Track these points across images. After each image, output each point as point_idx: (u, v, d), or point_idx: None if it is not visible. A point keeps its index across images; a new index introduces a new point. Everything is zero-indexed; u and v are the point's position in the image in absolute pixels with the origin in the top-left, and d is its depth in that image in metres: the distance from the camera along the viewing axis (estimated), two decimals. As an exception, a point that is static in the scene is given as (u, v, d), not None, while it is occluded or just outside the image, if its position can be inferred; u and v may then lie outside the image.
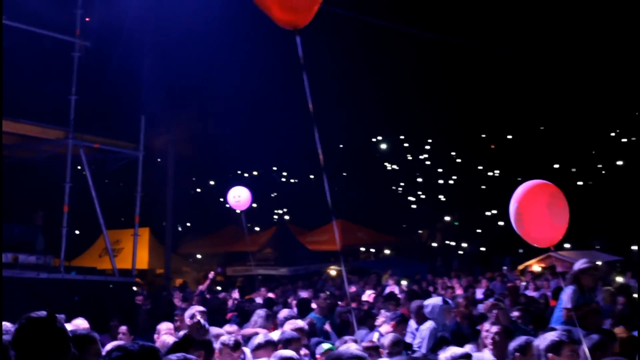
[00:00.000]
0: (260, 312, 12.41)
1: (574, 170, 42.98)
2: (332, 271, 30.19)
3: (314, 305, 14.95)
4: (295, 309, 14.27)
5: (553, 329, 8.44)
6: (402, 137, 51.83)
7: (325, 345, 9.09)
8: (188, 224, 40.37)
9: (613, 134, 49.20)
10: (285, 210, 43.97)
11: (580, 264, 10.60)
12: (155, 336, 10.13)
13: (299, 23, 7.82)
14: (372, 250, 37.53)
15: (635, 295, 15.83)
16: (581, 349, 7.24)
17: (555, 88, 45.25)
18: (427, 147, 50.39)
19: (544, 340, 6.98)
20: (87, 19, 17.65)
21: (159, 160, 30.37)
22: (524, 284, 21.95)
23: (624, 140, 48.24)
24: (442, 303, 12.08)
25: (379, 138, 51.74)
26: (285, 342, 8.40)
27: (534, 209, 8.23)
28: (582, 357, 7.30)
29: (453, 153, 46.66)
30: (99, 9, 17.67)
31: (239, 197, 17.68)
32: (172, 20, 22.02)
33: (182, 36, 25.16)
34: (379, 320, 12.39)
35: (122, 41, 18.01)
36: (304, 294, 18.58)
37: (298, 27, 7.80)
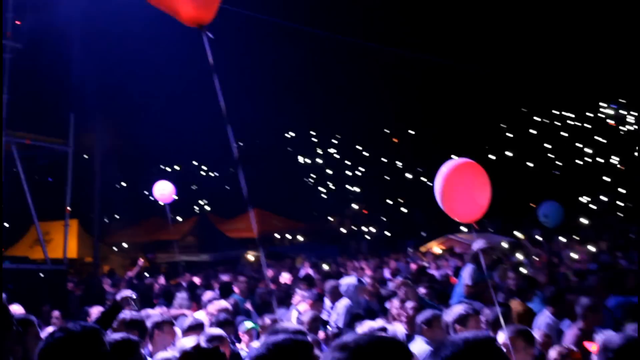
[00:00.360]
0: (183, 295, 12.84)
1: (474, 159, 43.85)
2: (250, 256, 30.60)
3: (235, 288, 15.36)
4: (217, 292, 14.60)
5: (459, 304, 8.52)
6: (312, 132, 52.55)
7: (248, 324, 9.26)
8: (115, 216, 40.31)
9: (504, 125, 50.77)
10: (205, 201, 44.22)
11: (478, 244, 11.12)
12: (88, 320, 9.98)
13: (203, 20, 7.58)
14: (287, 236, 37.95)
15: (525, 271, 16.57)
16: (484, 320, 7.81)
17: (450, 86, 46.44)
18: (335, 141, 51.23)
19: (452, 313, 7.35)
20: (17, 22, 17.80)
21: (85, 156, 30.46)
22: (426, 264, 22.49)
23: (510, 134, 49.86)
24: (356, 282, 12.57)
25: (292, 134, 52.40)
26: (219, 324, 8.69)
27: (459, 186, 8.31)
28: (485, 328, 7.87)
29: (359, 147, 47.35)
30: (30, 12, 17.84)
31: (163, 190, 17.90)
32: (99, 23, 22.23)
33: (108, 37, 25.31)
34: (295, 299, 12.84)
35: (52, 43, 18.21)
36: (225, 278, 18.88)
37: (203, 24, 7.58)
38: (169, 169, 45.00)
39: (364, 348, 2.30)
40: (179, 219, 36.69)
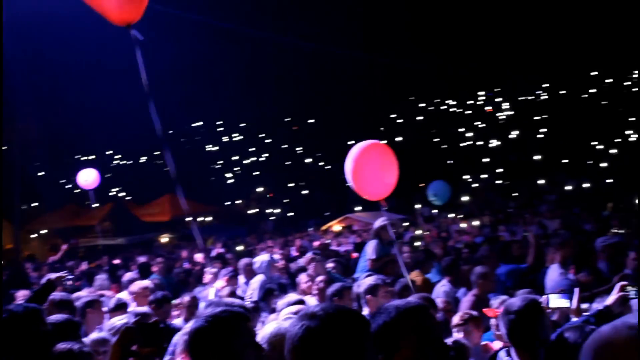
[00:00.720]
0: (102, 277, 12.77)
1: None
2: (164, 239, 30.39)
3: (153, 268, 15.30)
4: (136, 272, 14.48)
5: (368, 276, 8.90)
6: (218, 122, 52.45)
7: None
8: (34, 204, 39.40)
9: (393, 115, 51.54)
10: (120, 188, 43.64)
11: (380, 222, 11.26)
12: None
13: (130, 19, 7.37)
14: (199, 219, 37.83)
15: (418, 243, 16.88)
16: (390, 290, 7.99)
17: (345, 76, 46.86)
18: (240, 130, 51.24)
19: (363, 284, 7.34)
20: None
21: (5, 147, 29.73)
22: (328, 241, 22.62)
23: (400, 120, 50.66)
24: (269, 259, 12.72)
25: (200, 123, 52.16)
26: (158, 302, 8.72)
27: (368, 166, 8.34)
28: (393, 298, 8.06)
29: (262, 135, 47.40)
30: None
31: (87, 177, 17.65)
32: (16, 12, 21.59)
33: (27, 28, 24.57)
34: (207, 277, 12.87)
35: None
36: (142, 259, 18.76)
37: (131, 23, 7.37)
38: (83, 158, 44.15)
39: (332, 315, 2.40)
40: (95, 205, 36.18)
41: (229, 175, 45.36)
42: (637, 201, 27.47)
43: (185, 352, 5.16)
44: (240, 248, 21.94)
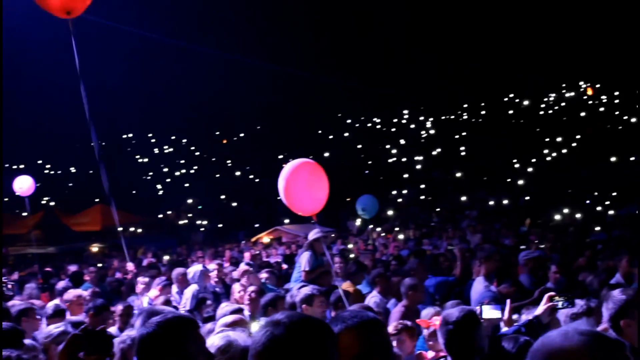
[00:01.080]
0: (32, 285, 12.55)
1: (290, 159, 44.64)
2: (94, 248, 30.00)
3: (86, 277, 15.08)
4: (68, 281, 14.24)
5: (303, 287, 8.51)
6: (149, 134, 52.01)
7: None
8: (-39, 213, 38.54)
9: (320, 132, 51.78)
10: (50, 197, 42.72)
11: (313, 234, 11.32)
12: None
13: (73, 8, 7.22)
14: (131, 229, 37.41)
15: (352, 255, 16.99)
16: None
17: (277, 92, 47.05)
18: (171, 142, 50.89)
19: (299, 294, 7.48)
20: None
21: None
22: (257, 252, 22.63)
23: (331, 137, 50.92)
24: (202, 269, 12.68)
25: (130, 135, 51.64)
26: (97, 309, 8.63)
27: (299, 184, 8.39)
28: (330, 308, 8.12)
29: (193, 147, 47.10)
30: None
31: (22, 184, 17.35)
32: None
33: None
34: (139, 287, 12.76)
35: None
36: (73, 268, 18.48)
37: (72, 12, 7.21)
38: (14, 167, 43.17)
39: (296, 323, 2.39)
40: (24, 214, 35.54)
41: (159, 186, 44.84)
42: (554, 217, 28.12)
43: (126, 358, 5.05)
44: (167, 257, 21.70)
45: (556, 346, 2.07)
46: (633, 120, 44.86)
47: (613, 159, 38.27)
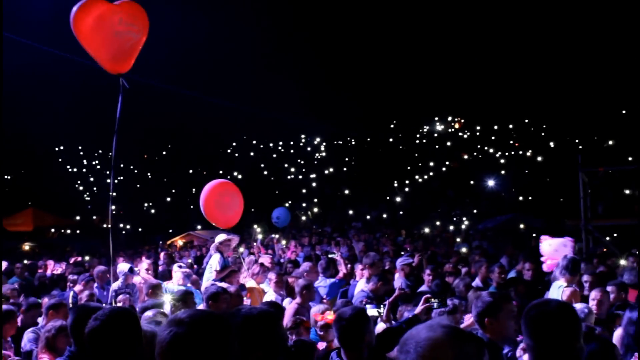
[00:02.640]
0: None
1: (200, 177, 44.51)
2: (26, 246, 29.22)
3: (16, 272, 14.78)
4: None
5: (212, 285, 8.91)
6: (80, 146, 50.82)
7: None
8: None
9: (229, 150, 51.60)
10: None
11: (220, 238, 11.34)
12: None
13: (121, 70, 7.37)
14: (62, 230, 36.55)
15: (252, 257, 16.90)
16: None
17: (190, 117, 46.67)
18: (97, 155, 49.90)
19: (206, 292, 7.44)
20: None
21: None
22: (171, 253, 22.30)
23: (237, 154, 50.85)
24: (128, 270, 12.42)
25: (62, 147, 50.40)
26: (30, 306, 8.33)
27: (213, 201, 8.52)
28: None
29: (122, 163, 46.15)
30: None
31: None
32: None
33: None
34: (69, 283, 12.53)
35: None
36: (4, 264, 17.95)
37: (121, 73, 7.36)
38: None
39: (197, 320, 2.33)
40: (-42, 215, 34.50)
41: (86, 194, 43.85)
42: (425, 229, 28.68)
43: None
44: (87, 258, 21.24)
45: (423, 336, 2.19)
46: (491, 150, 46.26)
47: (474, 181, 39.33)
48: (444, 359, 2.13)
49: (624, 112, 42.82)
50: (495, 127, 50.05)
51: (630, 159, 26.74)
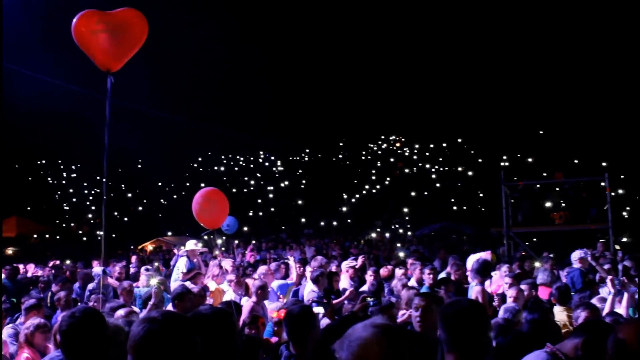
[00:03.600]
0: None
1: (168, 189, 44.14)
2: (9, 251, 28.85)
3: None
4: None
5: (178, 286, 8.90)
6: (59, 161, 49.94)
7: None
8: None
9: (195, 164, 51.22)
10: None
11: (190, 245, 11.31)
12: None
13: (112, 68, 7.12)
14: (43, 236, 36.06)
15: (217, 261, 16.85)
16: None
17: (160, 135, 46.22)
18: (75, 168, 49.28)
19: (173, 292, 7.44)
20: None
21: None
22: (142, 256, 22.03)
23: (201, 169, 50.41)
24: (101, 270, 12.27)
25: (43, 161, 49.53)
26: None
27: (200, 205, 8.69)
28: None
29: (94, 174, 45.32)
30: None
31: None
32: None
33: None
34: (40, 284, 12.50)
35: None
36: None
37: (111, 70, 7.09)
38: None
39: (168, 319, 2.35)
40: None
41: (65, 204, 43.13)
42: (369, 235, 28.84)
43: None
44: (68, 262, 20.89)
45: (356, 335, 2.22)
46: (427, 165, 46.79)
47: (413, 193, 39.69)
48: (373, 356, 2.15)
49: (541, 132, 43.76)
50: (431, 146, 50.67)
51: (545, 174, 27.39)
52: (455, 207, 37.50)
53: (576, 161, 35.60)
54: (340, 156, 51.41)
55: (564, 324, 6.31)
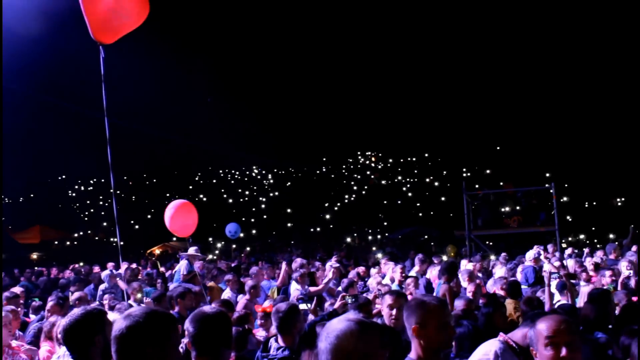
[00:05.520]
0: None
1: (173, 199, 43.81)
2: (34, 255, 28.68)
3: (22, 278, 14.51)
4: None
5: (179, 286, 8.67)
6: (77, 176, 49.64)
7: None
8: None
9: (196, 178, 50.99)
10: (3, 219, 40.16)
11: (192, 250, 11.23)
12: None
13: (104, 41, 6.36)
14: (64, 243, 35.84)
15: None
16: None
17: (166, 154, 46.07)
18: (92, 183, 49.21)
19: (174, 291, 7.34)
20: None
21: None
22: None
23: (201, 182, 50.23)
24: (110, 271, 12.13)
25: (63, 176, 49.23)
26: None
27: (177, 216, 8.54)
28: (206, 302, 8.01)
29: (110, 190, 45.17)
30: None
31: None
32: None
33: None
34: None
35: None
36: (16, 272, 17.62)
37: (103, 43, 6.34)
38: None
39: (149, 315, 2.33)
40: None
41: (84, 213, 42.92)
42: (347, 239, 28.88)
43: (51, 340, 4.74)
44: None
45: (333, 327, 2.26)
46: (399, 177, 47.04)
47: (385, 201, 39.86)
48: (348, 345, 2.17)
49: (498, 148, 44.19)
50: (402, 160, 50.96)
51: (501, 183, 27.61)
52: (422, 213, 37.68)
53: (527, 173, 35.99)
54: (324, 169, 51.49)
55: (509, 314, 6.38)
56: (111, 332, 2.37)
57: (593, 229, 28.26)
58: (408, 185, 44.56)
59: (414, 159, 50.55)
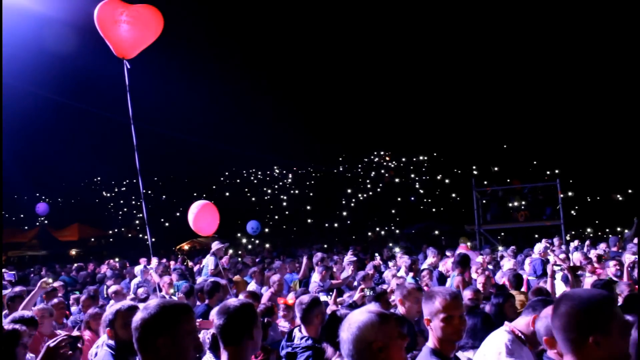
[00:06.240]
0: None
1: (200, 199, 44.16)
2: (73, 251, 29.05)
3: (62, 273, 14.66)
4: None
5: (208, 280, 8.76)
6: (111, 178, 50.15)
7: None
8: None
9: (222, 178, 51.15)
10: (43, 218, 40.60)
11: (216, 245, 11.24)
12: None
13: (127, 56, 6.68)
14: (100, 240, 36.22)
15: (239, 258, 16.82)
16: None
17: (196, 157, 46.27)
18: (125, 184, 49.72)
19: (205, 284, 7.24)
20: None
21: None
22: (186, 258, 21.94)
23: (227, 181, 50.39)
24: (143, 267, 12.21)
25: (99, 178, 49.68)
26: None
27: (201, 216, 8.56)
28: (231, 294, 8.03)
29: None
30: None
31: (40, 207, 16.53)
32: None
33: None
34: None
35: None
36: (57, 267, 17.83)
37: (126, 58, 6.67)
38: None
39: (161, 306, 2.34)
40: (26, 227, 33.75)
41: (120, 212, 43.37)
42: (367, 234, 28.80)
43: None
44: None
45: (354, 318, 2.32)
46: (412, 175, 46.83)
47: (399, 198, 39.73)
48: (369, 335, 2.24)
49: (505, 146, 43.81)
50: (414, 159, 50.72)
51: (508, 180, 27.39)
52: (435, 209, 37.51)
53: (534, 170, 35.65)
54: (341, 169, 51.46)
55: (521, 303, 6.38)
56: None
57: (597, 222, 27.98)
58: (420, 183, 44.35)
59: (425, 158, 50.31)
